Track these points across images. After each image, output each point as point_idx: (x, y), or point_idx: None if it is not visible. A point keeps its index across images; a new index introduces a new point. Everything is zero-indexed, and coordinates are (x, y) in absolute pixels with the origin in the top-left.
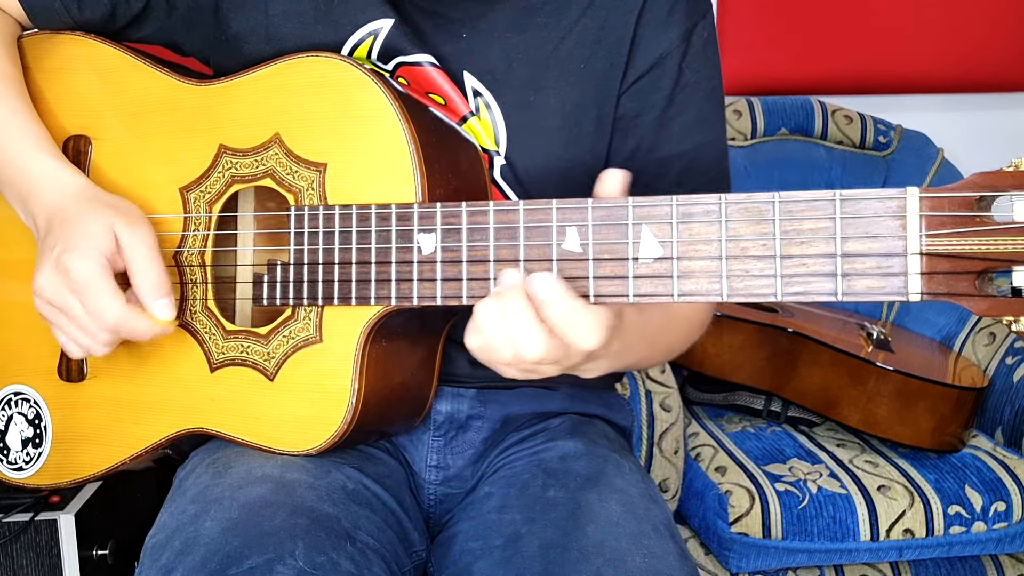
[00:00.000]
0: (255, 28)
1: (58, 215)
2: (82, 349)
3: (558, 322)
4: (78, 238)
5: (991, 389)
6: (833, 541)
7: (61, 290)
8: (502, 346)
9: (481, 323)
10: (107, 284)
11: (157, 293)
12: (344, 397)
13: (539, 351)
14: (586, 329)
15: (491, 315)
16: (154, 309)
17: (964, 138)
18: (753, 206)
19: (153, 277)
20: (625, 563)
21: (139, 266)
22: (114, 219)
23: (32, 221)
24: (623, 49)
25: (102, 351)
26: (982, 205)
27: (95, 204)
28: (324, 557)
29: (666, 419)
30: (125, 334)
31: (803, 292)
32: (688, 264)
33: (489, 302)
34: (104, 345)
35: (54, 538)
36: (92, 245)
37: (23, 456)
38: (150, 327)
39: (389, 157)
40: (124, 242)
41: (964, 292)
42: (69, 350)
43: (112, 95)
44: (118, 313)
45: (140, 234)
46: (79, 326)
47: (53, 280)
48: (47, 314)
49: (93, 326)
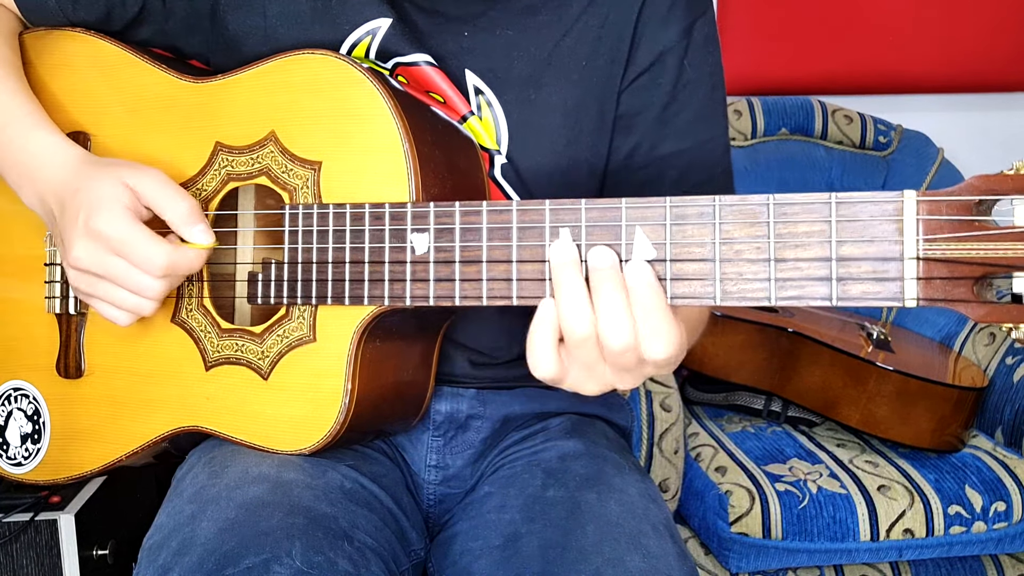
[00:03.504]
0: (253, 29)
1: (67, 189)
2: (130, 312)
3: (646, 314)
4: (97, 201)
5: (991, 389)
6: (833, 541)
7: (101, 254)
8: (584, 325)
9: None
10: (145, 232)
11: (192, 220)
12: (337, 397)
13: (626, 338)
14: (666, 335)
15: (582, 304)
16: (194, 236)
17: (964, 138)
18: (747, 208)
19: (181, 208)
20: (624, 563)
21: (163, 203)
22: (119, 172)
23: (39, 202)
24: (624, 46)
25: (152, 306)
26: (981, 209)
27: (97, 167)
28: (321, 557)
29: (666, 419)
30: (179, 272)
31: (797, 297)
32: (681, 267)
33: (578, 281)
34: (155, 297)
35: (54, 538)
36: (113, 201)
37: (22, 451)
38: (198, 255)
39: (383, 155)
40: (139, 188)
41: (962, 298)
42: (115, 317)
43: (111, 91)
44: (166, 255)
45: (150, 176)
46: (126, 285)
47: (89, 247)
48: (86, 287)
49: (143, 278)
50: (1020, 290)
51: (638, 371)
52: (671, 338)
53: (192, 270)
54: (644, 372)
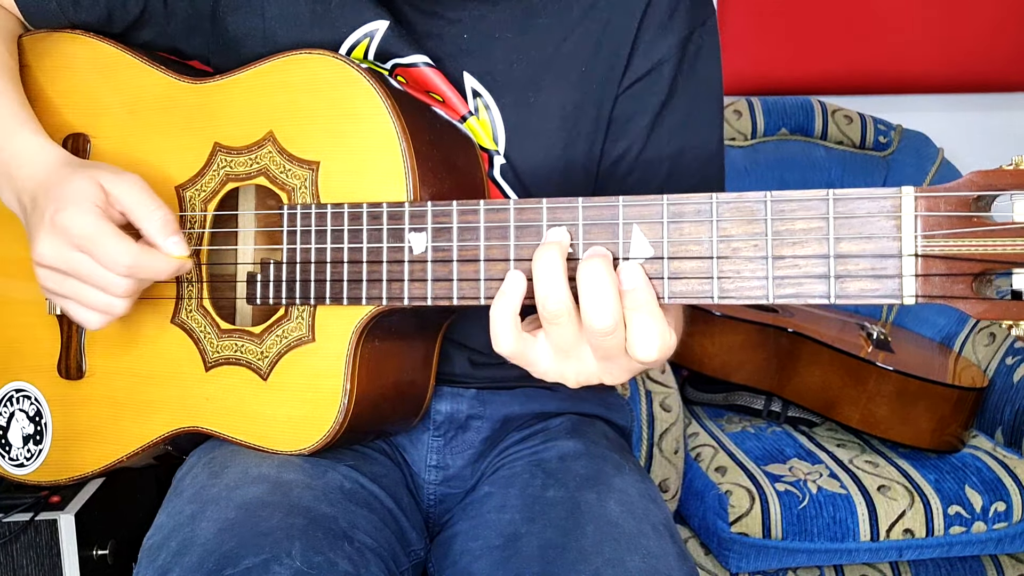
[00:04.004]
0: (252, 31)
1: (41, 186)
2: (101, 312)
3: (634, 308)
4: (67, 196)
5: (991, 389)
6: (833, 541)
7: (65, 250)
8: (557, 301)
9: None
10: (110, 229)
11: (166, 231)
12: (336, 397)
13: (610, 319)
14: (655, 334)
15: (557, 280)
16: (168, 247)
17: (964, 138)
18: (745, 205)
19: (156, 217)
20: (624, 563)
21: (139, 211)
22: (97, 173)
23: (16, 201)
24: (623, 51)
25: (122, 306)
26: (980, 205)
27: (75, 168)
28: (321, 557)
29: (666, 419)
30: (144, 275)
31: (795, 294)
32: (679, 264)
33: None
34: (124, 297)
35: (54, 538)
36: (83, 198)
37: (24, 453)
38: (167, 263)
39: (381, 155)
40: (114, 191)
41: (961, 295)
42: (86, 320)
43: (110, 93)
44: (132, 254)
45: (127, 182)
46: (93, 283)
47: (53, 243)
48: (54, 285)
49: (109, 276)
50: (1020, 286)
51: (624, 363)
52: (660, 339)
53: (159, 276)
54: (631, 367)
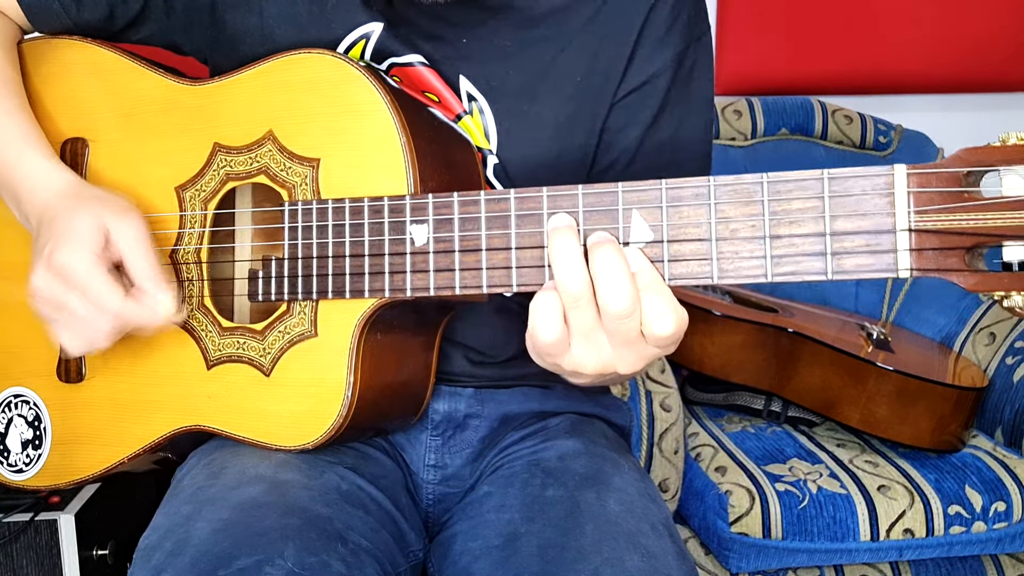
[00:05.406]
0: (251, 29)
1: (47, 214)
2: (85, 343)
3: (645, 288)
4: (67, 235)
5: (991, 389)
6: (833, 541)
7: (58, 287)
8: (578, 283)
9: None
10: (102, 276)
11: (156, 288)
12: (340, 390)
13: (627, 300)
14: (670, 307)
15: (575, 262)
16: (157, 304)
17: (964, 138)
18: (742, 187)
19: (148, 271)
20: (623, 562)
21: (133, 262)
22: (102, 212)
23: (25, 221)
24: (620, 63)
25: (106, 342)
26: (970, 181)
27: (82, 199)
28: (315, 558)
29: (666, 419)
30: (130, 324)
31: (793, 272)
32: (679, 247)
33: (575, 251)
34: (108, 335)
35: (54, 538)
36: (82, 241)
37: (23, 458)
38: (154, 317)
39: (381, 151)
40: (114, 236)
41: (954, 268)
42: (70, 347)
43: (108, 97)
44: (119, 305)
45: (130, 227)
46: (81, 319)
47: (48, 279)
48: (45, 311)
49: (96, 315)
50: (1010, 259)
51: (639, 348)
52: (676, 314)
53: (146, 328)
54: (646, 353)
